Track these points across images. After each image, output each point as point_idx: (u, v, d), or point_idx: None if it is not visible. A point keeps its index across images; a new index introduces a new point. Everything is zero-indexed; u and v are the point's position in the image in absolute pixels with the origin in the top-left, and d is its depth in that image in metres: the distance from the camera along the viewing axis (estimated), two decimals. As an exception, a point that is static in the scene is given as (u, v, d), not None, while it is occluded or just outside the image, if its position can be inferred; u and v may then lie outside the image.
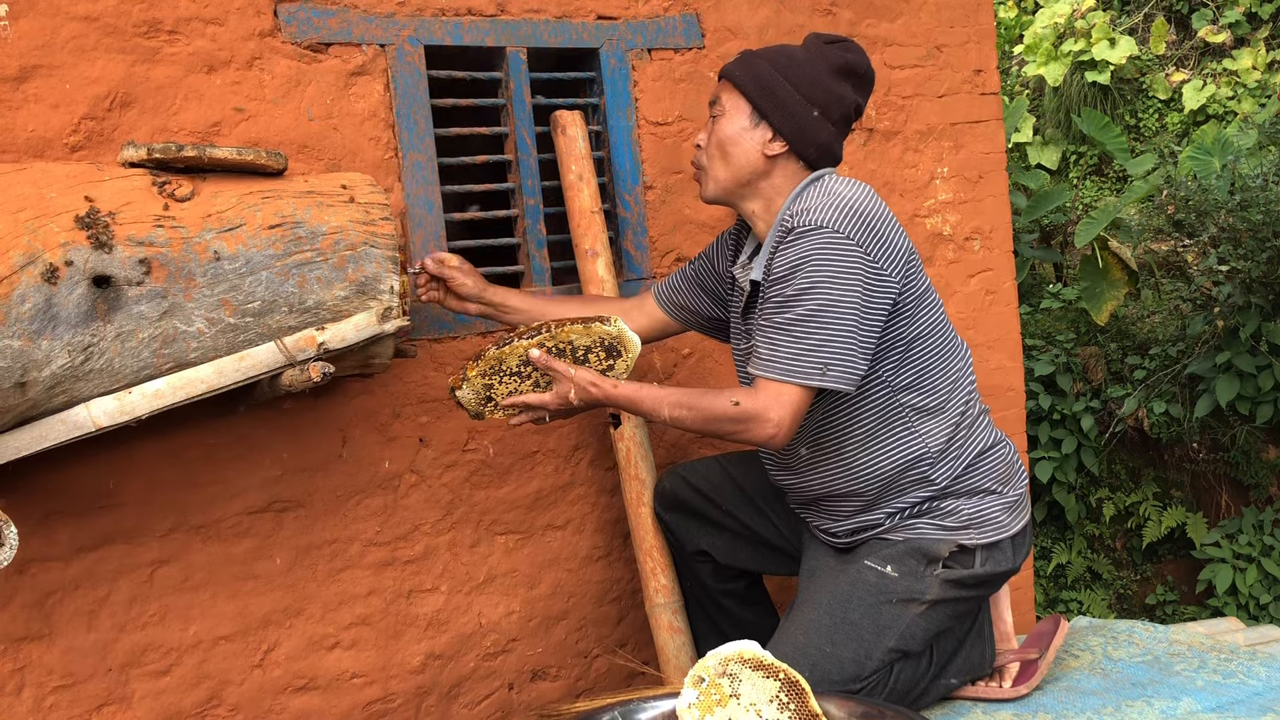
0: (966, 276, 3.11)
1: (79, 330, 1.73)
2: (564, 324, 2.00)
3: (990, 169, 3.14)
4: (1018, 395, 3.23)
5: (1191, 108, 7.57)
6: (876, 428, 2.02)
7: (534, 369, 2.03)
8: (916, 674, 2.03)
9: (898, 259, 1.95)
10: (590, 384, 1.98)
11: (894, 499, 2.04)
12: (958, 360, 2.08)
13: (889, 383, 2.00)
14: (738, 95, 2.05)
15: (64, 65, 2.02)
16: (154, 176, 1.87)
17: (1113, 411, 5.47)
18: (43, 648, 2.02)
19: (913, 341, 2.00)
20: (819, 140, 2.02)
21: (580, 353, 2.03)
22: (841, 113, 2.04)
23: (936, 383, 2.03)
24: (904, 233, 2.00)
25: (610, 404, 2.00)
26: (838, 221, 1.90)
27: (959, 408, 2.05)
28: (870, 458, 2.03)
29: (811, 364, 1.89)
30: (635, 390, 1.99)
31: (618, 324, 2.02)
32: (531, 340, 2.00)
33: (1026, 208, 5.81)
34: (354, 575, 2.31)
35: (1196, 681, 2.12)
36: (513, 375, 2.03)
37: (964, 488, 2.04)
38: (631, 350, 2.05)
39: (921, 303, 2.01)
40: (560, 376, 2.00)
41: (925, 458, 2.02)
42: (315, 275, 1.94)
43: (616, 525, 2.60)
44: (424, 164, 2.36)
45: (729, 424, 1.93)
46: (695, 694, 1.65)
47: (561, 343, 2.01)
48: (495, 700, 2.47)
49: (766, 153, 2.03)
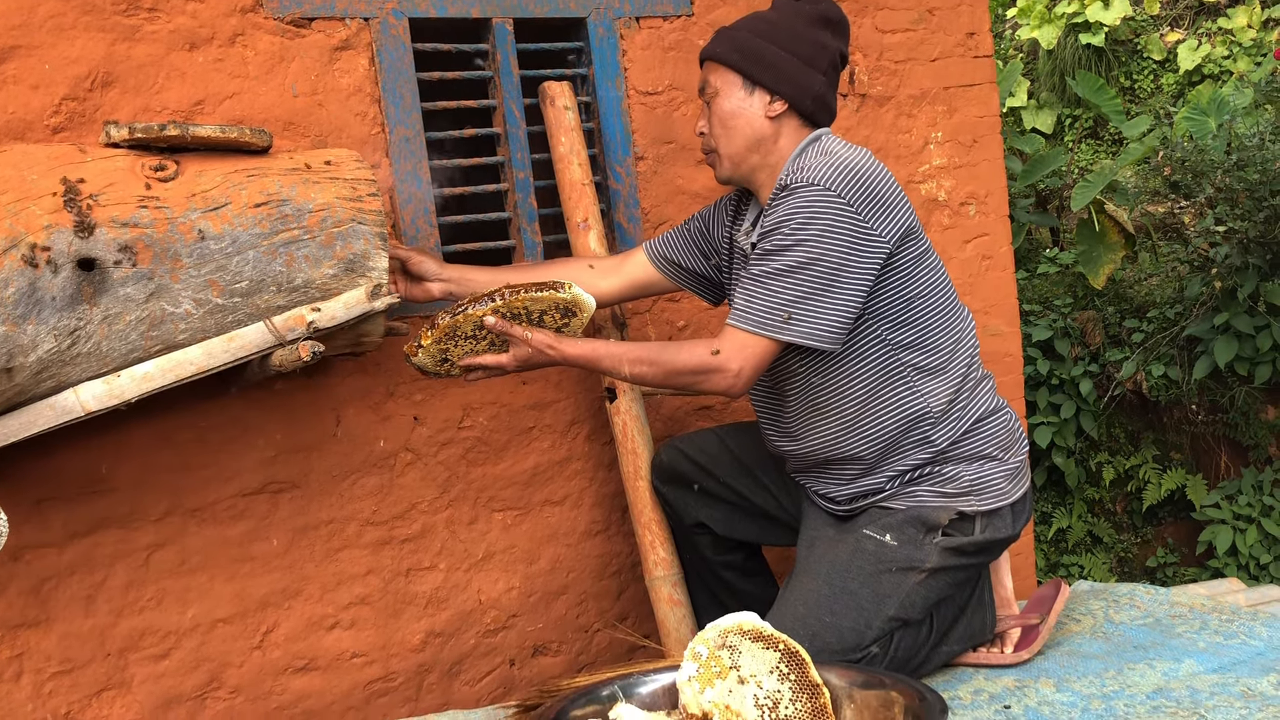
0: (962, 242, 3.08)
1: (65, 314, 1.71)
2: (517, 290, 2.00)
3: (985, 133, 3.11)
4: (1015, 361, 3.21)
5: (1187, 68, 7.52)
6: (877, 387, 2.01)
7: (489, 332, 2.03)
8: (917, 642, 2.03)
9: (892, 219, 1.95)
10: (547, 346, 2.00)
11: (895, 461, 2.03)
12: (959, 321, 2.07)
13: (888, 341, 1.99)
14: (725, 70, 2.07)
15: (43, 45, 1.98)
16: (137, 156, 1.84)
17: (1111, 375, 5.46)
18: (40, 634, 2.01)
19: (912, 300, 1.99)
20: (814, 91, 2.04)
21: (535, 316, 2.04)
22: (828, 60, 2.06)
23: (938, 342, 2.02)
24: (903, 193, 2.00)
25: (567, 363, 2.03)
26: (830, 179, 1.91)
27: (960, 369, 2.04)
28: (871, 417, 2.02)
29: (779, 317, 1.91)
30: (593, 349, 2.02)
31: (571, 289, 2.02)
32: (486, 308, 2.00)
33: (1022, 172, 5.78)
34: (352, 555, 2.30)
35: (1198, 643, 2.12)
36: (468, 338, 2.03)
37: (965, 452, 2.03)
38: (586, 310, 2.06)
39: (921, 262, 2.01)
40: (517, 340, 2.01)
41: (926, 417, 2.01)
42: (303, 253, 1.91)
43: (615, 499, 2.59)
44: (411, 139, 2.33)
45: (689, 376, 1.97)
46: (695, 667, 1.64)
47: (516, 308, 2.01)
48: (497, 676, 2.47)
49: (769, 115, 2.05)
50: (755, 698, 1.62)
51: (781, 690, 1.63)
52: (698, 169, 2.68)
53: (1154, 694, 1.90)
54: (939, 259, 2.07)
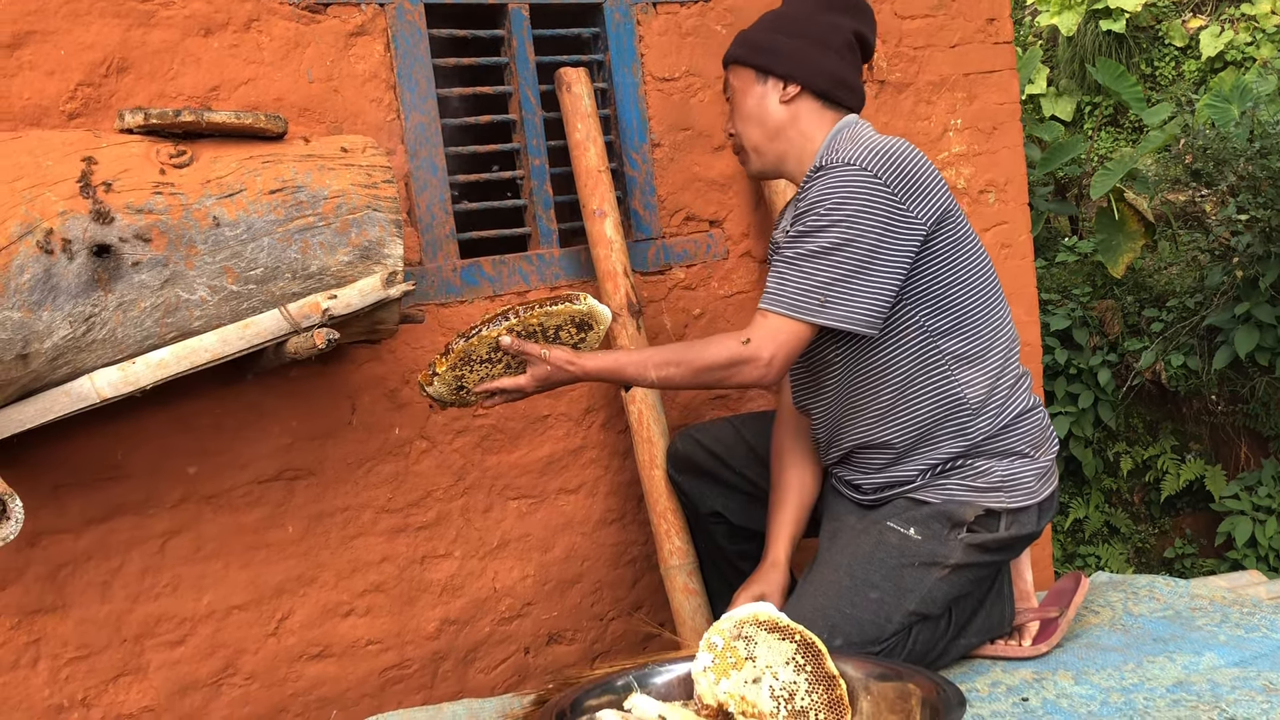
0: (981, 230, 3.06)
1: (80, 300, 1.70)
2: (531, 306, 1.92)
3: (1004, 120, 3.08)
4: (1034, 350, 3.19)
5: (1209, 54, 7.44)
6: (915, 373, 1.98)
7: (505, 353, 1.94)
8: (935, 635, 2.01)
9: (928, 201, 1.91)
10: (566, 362, 1.92)
11: (927, 452, 2.00)
12: (998, 310, 2.03)
13: (926, 327, 1.96)
14: (741, 69, 2.10)
15: (58, 31, 1.98)
16: (152, 143, 1.83)
17: (1130, 365, 5.42)
18: (57, 620, 2.02)
19: (951, 285, 1.96)
20: (825, 68, 2.03)
21: (551, 332, 1.95)
22: (841, 40, 2.06)
23: (978, 329, 1.98)
24: (939, 176, 1.96)
25: (589, 379, 1.96)
26: (865, 159, 1.88)
27: (998, 359, 2.01)
28: (907, 405, 1.99)
29: (814, 300, 1.86)
30: (615, 360, 1.95)
31: (586, 300, 1.94)
32: (500, 327, 1.90)
33: (1041, 160, 5.74)
34: (367, 542, 2.30)
35: (1219, 636, 2.10)
36: (483, 362, 1.93)
37: (998, 448, 2.00)
38: (602, 322, 1.97)
39: (960, 246, 1.97)
40: (534, 359, 1.93)
41: (963, 407, 1.98)
42: (318, 240, 1.91)
43: (630, 488, 2.58)
44: (427, 125, 2.32)
45: (720, 371, 1.90)
46: (710, 657, 1.63)
47: (530, 326, 1.92)
48: (511, 664, 2.47)
49: (783, 100, 2.05)
50: (771, 689, 1.61)
51: (798, 681, 1.62)
52: (715, 156, 2.66)
53: (1174, 687, 1.88)
54: (980, 245, 2.03)
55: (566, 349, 1.95)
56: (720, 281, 2.69)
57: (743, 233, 2.71)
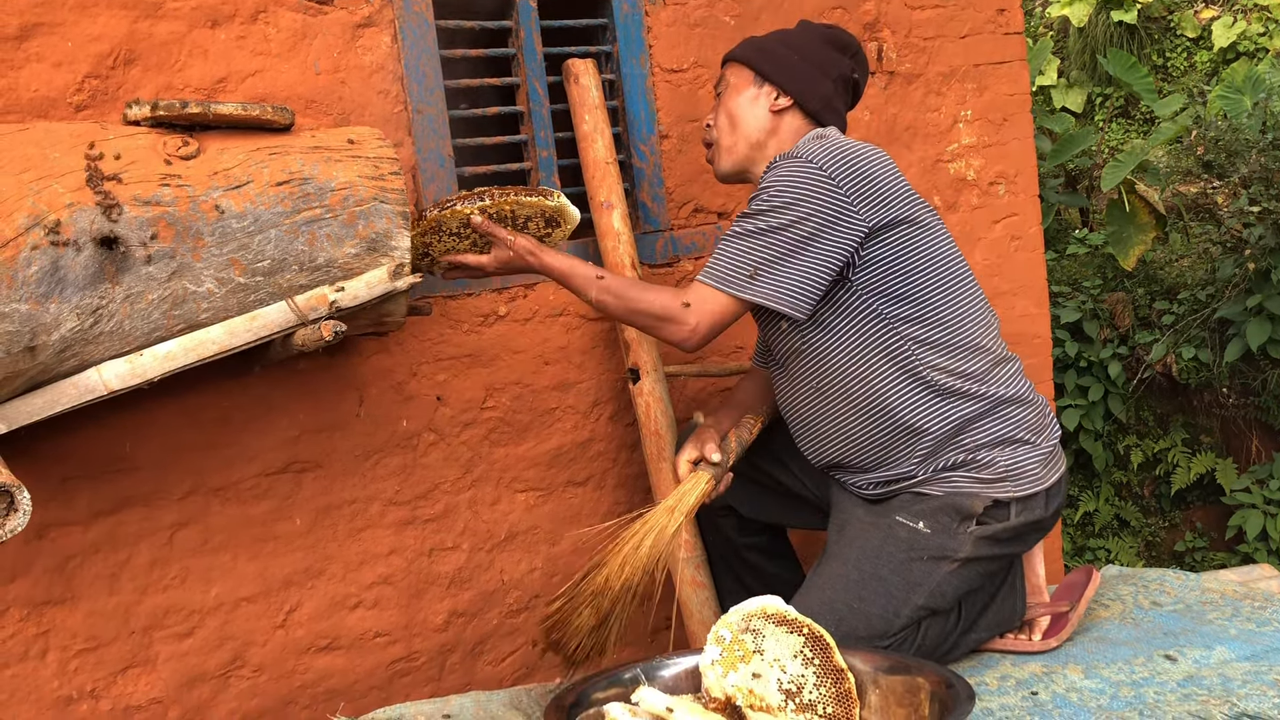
0: (991, 222, 3.04)
1: (87, 293, 1.70)
2: (507, 191, 2.02)
3: (1015, 111, 3.06)
4: (1044, 343, 3.17)
5: (1221, 45, 7.39)
6: (880, 362, 1.99)
7: (473, 231, 2.04)
8: (944, 630, 2.01)
9: (880, 203, 1.96)
10: (528, 251, 2.03)
11: (913, 441, 1.99)
12: (966, 296, 2.04)
13: (883, 315, 1.98)
14: (740, 67, 2.17)
15: (65, 23, 1.98)
16: (159, 135, 1.83)
17: (1140, 358, 5.40)
18: (65, 612, 2.02)
19: (909, 276, 1.98)
20: (820, 92, 2.13)
21: (520, 221, 2.05)
22: (839, 73, 2.15)
23: (940, 314, 2.00)
24: (904, 183, 2.03)
25: (544, 272, 2.06)
26: (817, 155, 1.96)
27: (969, 341, 2.00)
28: (878, 393, 1.99)
29: (744, 275, 1.95)
30: (570, 265, 2.05)
31: (559, 198, 2.05)
32: (473, 206, 2.01)
33: (1051, 152, 5.70)
34: (375, 535, 2.30)
35: (1230, 630, 2.09)
36: (451, 235, 2.04)
37: (994, 435, 1.99)
38: (570, 221, 2.09)
39: (918, 242, 2.00)
40: (500, 242, 2.04)
41: (936, 390, 1.97)
42: (325, 232, 1.90)
43: (637, 481, 2.57)
44: (434, 117, 2.31)
45: (649, 318, 2.01)
46: (718, 650, 1.63)
47: (503, 209, 2.02)
48: (519, 657, 2.47)
49: (773, 109, 2.13)
50: (779, 682, 1.60)
51: (806, 675, 1.61)
52: (723, 148, 2.64)
53: (1185, 681, 1.87)
54: (947, 239, 2.06)
55: (532, 239, 2.06)
56: (728, 274, 2.68)
57: (751, 225, 2.70)
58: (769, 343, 2.15)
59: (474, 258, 2.07)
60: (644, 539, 2.00)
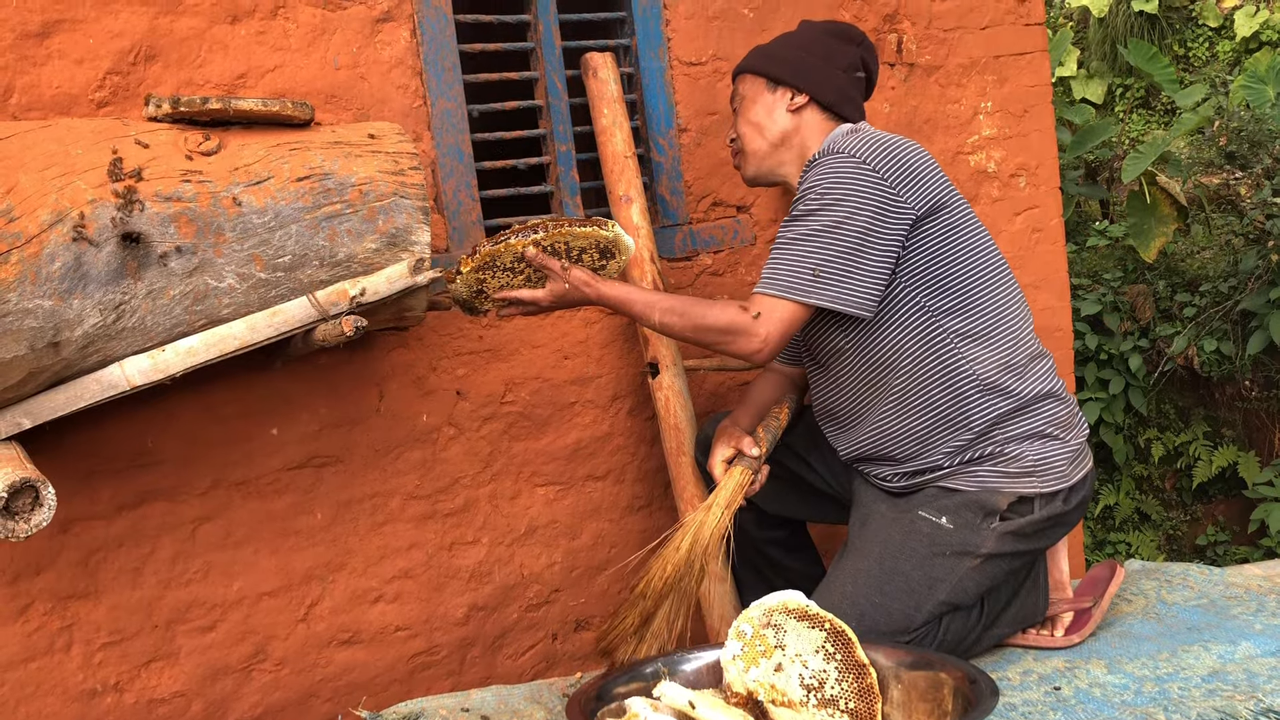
0: (1012, 215, 3.02)
1: (110, 289, 1.71)
2: (561, 223, 1.99)
3: (1035, 102, 3.04)
4: (1065, 335, 3.15)
5: (1244, 35, 7.33)
6: (923, 355, 1.98)
7: (527, 265, 2.02)
8: (967, 625, 2.00)
9: (923, 189, 1.96)
10: (584, 283, 2.01)
11: (949, 435, 1.98)
12: (1005, 290, 2.04)
13: (928, 307, 1.97)
14: (752, 77, 2.19)
15: (86, 19, 1.98)
16: (180, 130, 1.84)
17: (1161, 350, 5.36)
18: (89, 605, 2.04)
19: (950, 267, 1.98)
20: (834, 83, 2.13)
21: (575, 253, 2.03)
22: (847, 61, 2.15)
23: (981, 306, 1.99)
24: (938, 171, 2.02)
25: (602, 303, 2.04)
26: (857, 149, 1.95)
27: (1008, 335, 2.00)
28: (920, 387, 1.99)
29: (806, 280, 1.92)
30: (628, 291, 2.03)
31: (614, 228, 2.02)
32: (528, 239, 1.98)
33: (1071, 143, 5.67)
34: (395, 529, 2.30)
35: (1254, 625, 2.07)
36: (505, 270, 2.02)
37: (1024, 430, 1.98)
38: (625, 252, 2.06)
39: (959, 231, 2.00)
40: (554, 274, 2.02)
41: (976, 385, 1.97)
42: (345, 228, 1.90)
43: (657, 474, 2.57)
44: (453, 111, 2.31)
45: (717, 334, 1.97)
46: (739, 645, 1.63)
47: (557, 241, 2.00)
48: (539, 651, 2.47)
49: (791, 108, 2.14)
50: (801, 677, 1.60)
51: (828, 670, 1.61)
52: (742, 141, 2.63)
53: (1209, 677, 1.85)
54: (983, 231, 2.05)
55: (587, 271, 2.04)
56: (748, 268, 2.67)
57: (770, 219, 2.69)
58: (809, 343, 2.13)
59: (529, 292, 2.04)
60: (683, 539, 2.00)
